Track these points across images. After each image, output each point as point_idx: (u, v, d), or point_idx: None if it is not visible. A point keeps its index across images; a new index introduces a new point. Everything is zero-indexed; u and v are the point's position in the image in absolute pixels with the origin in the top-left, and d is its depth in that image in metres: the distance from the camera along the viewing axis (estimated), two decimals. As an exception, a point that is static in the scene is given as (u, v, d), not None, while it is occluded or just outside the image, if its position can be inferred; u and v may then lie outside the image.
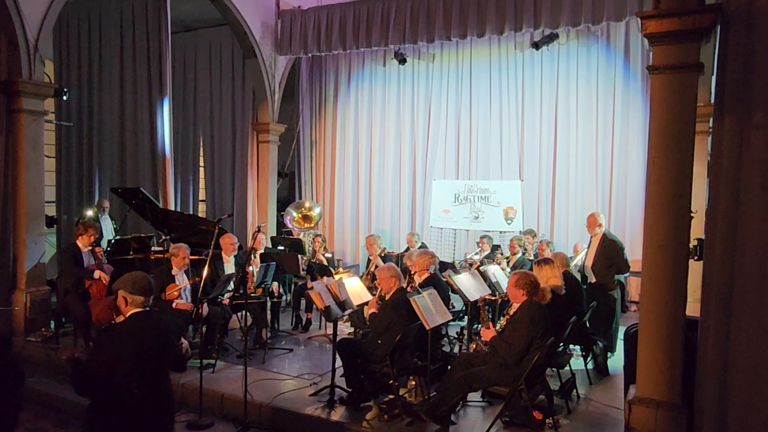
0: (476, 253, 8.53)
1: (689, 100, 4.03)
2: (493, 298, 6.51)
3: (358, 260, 11.01)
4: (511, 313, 4.69)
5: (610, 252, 6.51)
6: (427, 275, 5.78)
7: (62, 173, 10.28)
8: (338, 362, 5.08)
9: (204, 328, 5.98)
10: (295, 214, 9.97)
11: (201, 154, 11.56)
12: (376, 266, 7.26)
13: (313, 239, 8.61)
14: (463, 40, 9.30)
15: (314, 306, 6.06)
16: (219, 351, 6.24)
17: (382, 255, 7.89)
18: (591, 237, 6.90)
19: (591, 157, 9.32)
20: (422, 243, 8.85)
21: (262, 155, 10.80)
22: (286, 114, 11.28)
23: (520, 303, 4.58)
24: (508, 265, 7.70)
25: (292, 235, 9.64)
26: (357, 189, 11.28)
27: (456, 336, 6.67)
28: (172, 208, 9.46)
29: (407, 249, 8.84)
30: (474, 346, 5.36)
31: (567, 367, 5.37)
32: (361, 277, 6.87)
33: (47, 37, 7.33)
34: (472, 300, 5.77)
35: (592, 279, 6.62)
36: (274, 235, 10.21)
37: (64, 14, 8.41)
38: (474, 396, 5.01)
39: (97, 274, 6.36)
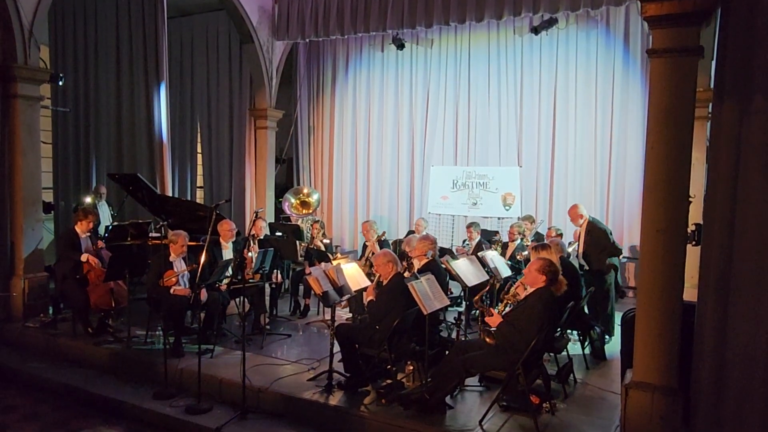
0: (465, 243, 8.37)
1: (689, 84, 4.01)
2: (487, 288, 6.49)
3: (356, 246, 11.01)
4: (521, 297, 4.65)
5: (598, 239, 6.59)
6: (425, 261, 5.78)
7: (59, 159, 10.23)
8: (336, 347, 5.10)
9: (203, 314, 5.99)
10: (293, 200, 9.95)
11: (198, 139, 11.50)
12: (373, 252, 7.28)
13: (312, 225, 8.59)
14: (461, 25, 9.21)
15: (312, 291, 6.06)
16: (217, 336, 6.25)
17: (381, 239, 7.88)
18: (577, 228, 7.00)
19: (590, 142, 9.29)
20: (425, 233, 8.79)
21: (260, 141, 10.77)
22: (283, 100, 11.23)
23: (534, 288, 4.52)
24: (505, 251, 7.68)
25: (291, 222, 9.63)
26: (355, 175, 11.26)
27: (454, 321, 6.69)
28: (170, 194, 9.43)
29: (409, 232, 8.80)
30: (483, 336, 5.28)
31: (564, 352, 5.41)
32: (358, 263, 6.86)
33: (42, 21, 7.26)
34: (470, 285, 5.77)
35: (587, 267, 6.66)
36: (273, 221, 10.20)
37: (59, -2, 8.34)
38: (471, 381, 5.03)
39: (84, 257, 6.36)
